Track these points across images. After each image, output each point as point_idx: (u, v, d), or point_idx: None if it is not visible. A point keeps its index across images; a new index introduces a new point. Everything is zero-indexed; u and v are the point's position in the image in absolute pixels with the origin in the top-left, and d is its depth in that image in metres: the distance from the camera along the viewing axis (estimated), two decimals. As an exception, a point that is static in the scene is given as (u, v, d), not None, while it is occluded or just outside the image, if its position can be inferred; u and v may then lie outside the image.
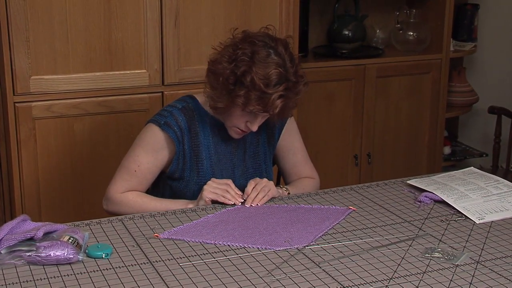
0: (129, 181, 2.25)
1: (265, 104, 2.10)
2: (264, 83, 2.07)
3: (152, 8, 2.95)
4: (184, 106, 2.26)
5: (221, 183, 2.19)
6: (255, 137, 2.35)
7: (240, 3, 3.04)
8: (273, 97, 2.09)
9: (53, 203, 2.95)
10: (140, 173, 2.24)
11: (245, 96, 2.09)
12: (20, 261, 1.77)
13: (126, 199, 2.24)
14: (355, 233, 1.99)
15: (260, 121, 2.19)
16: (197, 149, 2.25)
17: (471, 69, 4.50)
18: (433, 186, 2.29)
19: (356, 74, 3.72)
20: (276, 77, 2.08)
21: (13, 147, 2.85)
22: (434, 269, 1.77)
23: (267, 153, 2.39)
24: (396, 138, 3.92)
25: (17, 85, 2.81)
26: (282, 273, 1.74)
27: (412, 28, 3.95)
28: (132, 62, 2.97)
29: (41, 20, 2.80)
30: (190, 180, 2.27)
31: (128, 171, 2.25)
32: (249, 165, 2.35)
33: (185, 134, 2.23)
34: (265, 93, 2.08)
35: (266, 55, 2.10)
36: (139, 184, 2.26)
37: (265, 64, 2.08)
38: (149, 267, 1.77)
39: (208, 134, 2.27)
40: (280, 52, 2.12)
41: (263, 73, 2.07)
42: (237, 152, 2.32)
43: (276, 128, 2.37)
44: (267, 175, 2.37)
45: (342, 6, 3.91)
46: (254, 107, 2.11)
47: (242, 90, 2.10)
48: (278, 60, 2.10)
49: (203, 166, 2.26)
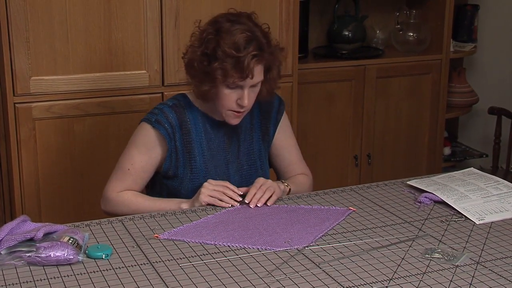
0: (124, 180, 2.26)
1: (242, 69, 2.11)
2: (234, 49, 2.11)
3: (152, 8, 2.95)
4: (174, 103, 2.27)
5: (218, 184, 2.19)
6: (249, 134, 2.35)
7: (240, 4, 3.04)
8: (246, 59, 2.10)
9: (53, 203, 2.95)
10: (134, 171, 2.25)
11: (221, 68, 2.12)
12: (20, 261, 1.77)
13: (122, 198, 2.25)
14: (355, 234, 1.99)
15: (249, 94, 2.18)
16: (189, 145, 2.25)
17: (471, 69, 4.50)
18: (433, 186, 2.29)
19: (356, 75, 3.72)
20: (244, 40, 2.12)
21: (13, 148, 2.85)
22: (434, 270, 1.77)
23: (262, 150, 2.38)
24: (396, 139, 3.92)
25: (17, 85, 2.81)
26: (282, 274, 1.74)
27: (412, 29, 3.95)
28: (132, 63, 2.97)
29: (41, 20, 2.80)
30: (184, 177, 2.26)
31: (123, 171, 2.26)
32: (244, 162, 2.34)
33: (177, 131, 2.23)
34: (238, 58, 2.10)
35: (230, 26, 2.15)
36: (134, 183, 2.27)
37: (231, 33, 2.13)
38: (149, 268, 1.77)
39: (200, 131, 2.27)
40: (243, 22, 2.17)
41: (231, 41, 2.11)
42: (230, 148, 2.32)
43: (270, 124, 2.37)
44: (262, 172, 2.37)
45: (342, 7, 3.91)
46: (233, 76, 2.12)
47: (216, 63, 2.12)
48: (243, 27, 2.15)
49: (196, 162, 2.26)
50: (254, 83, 2.17)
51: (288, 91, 3.28)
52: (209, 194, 2.16)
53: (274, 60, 2.22)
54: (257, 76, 2.16)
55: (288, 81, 3.28)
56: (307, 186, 2.44)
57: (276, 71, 2.26)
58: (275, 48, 2.22)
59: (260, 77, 2.19)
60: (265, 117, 2.37)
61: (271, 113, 2.38)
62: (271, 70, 2.24)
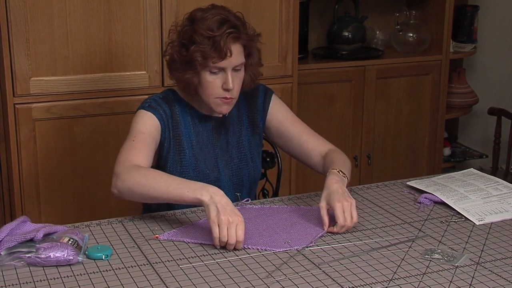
0: (131, 152, 2.12)
1: (220, 48, 2.12)
2: (210, 30, 2.13)
3: (152, 9, 2.95)
4: (164, 96, 2.29)
5: (231, 219, 1.89)
6: (238, 126, 2.34)
7: (240, 5, 3.04)
8: (222, 38, 2.12)
9: (53, 204, 2.95)
10: (139, 141, 2.15)
11: (199, 50, 2.13)
12: (20, 262, 1.77)
13: (137, 169, 2.05)
14: (355, 234, 1.99)
15: (233, 77, 2.16)
16: (178, 138, 2.25)
17: (471, 70, 4.50)
18: (433, 187, 2.29)
19: (356, 76, 3.72)
20: (217, 22, 2.14)
21: (13, 149, 2.85)
22: (434, 270, 1.77)
23: (252, 142, 2.37)
24: (396, 140, 3.92)
25: (17, 86, 2.81)
26: (282, 275, 1.74)
27: (412, 30, 3.95)
28: (132, 64, 2.97)
29: (41, 21, 2.80)
30: (174, 170, 2.25)
31: (127, 146, 2.15)
32: (234, 155, 2.33)
33: (169, 121, 2.24)
34: (214, 37, 2.12)
35: (202, 14, 2.17)
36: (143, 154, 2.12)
37: (204, 19, 2.16)
38: (149, 269, 1.77)
39: (188, 124, 2.27)
40: (215, 9, 2.20)
41: (205, 25, 2.14)
42: (219, 142, 2.31)
43: (258, 115, 2.35)
44: (253, 164, 2.36)
45: (342, 8, 3.92)
46: (212, 57, 2.13)
47: (193, 46, 2.14)
48: (216, 12, 2.17)
49: (186, 155, 2.25)
50: (236, 64, 2.16)
51: (288, 91, 3.28)
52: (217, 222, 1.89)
53: (252, 43, 2.23)
54: (237, 56, 2.16)
55: (288, 81, 3.28)
56: (344, 160, 2.25)
57: (257, 57, 2.27)
58: (250, 30, 2.23)
59: (241, 59, 2.18)
60: (252, 109, 2.36)
61: (257, 104, 2.36)
62: (252, 55, 2.24)
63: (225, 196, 1.93)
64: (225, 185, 2.30)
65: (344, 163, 2.23)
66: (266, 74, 3.10)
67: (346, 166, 2.21)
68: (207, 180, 2.25)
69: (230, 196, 2.30)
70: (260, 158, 2.42)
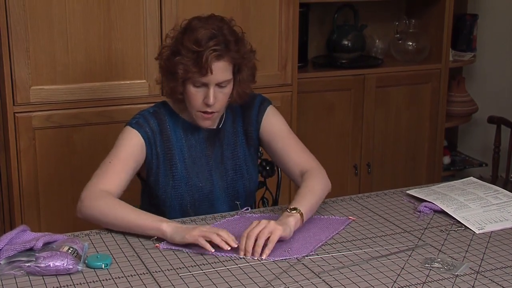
0: (103, 176, 2.11)
1: (201, 65, 2.07)
2: (196, 44, 2.08)
3: (152, 18, 2.96)
4: (155, 110, 2.27)
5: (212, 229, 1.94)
6: (233, 138, 2.32)
7: (239, 14, 3.05)
8: (205, 54, 2.07)
9: (52, 213, 2.95)
10: (113, 167, 2.13)
11: (181, 62, 2.10)
12: (20, 271, 1.77)
13: (101, 197, 2.05)
14: (355, 243, 1.99)
15: (214, 93, 2.12)
16: (169, 152, 2.24)
17: (470, 79, 4.51)
18: (432, 196, 2.29)
19: (355, 84, 3.73)
20: (206, 36, 2.09)
21: (13, 157, 2.85)
22: (434, 279, 1.77)
23: (247, 154, 2.35)
24: (396, 148, 3.92)
25: (17, 95, 2.81)
26: (282, 283, 1.74)
27: (411, 38, 3.96)
28: (132, 72, 2.98)
29: (41, 30, 2.80)
30: (167, 185, 2.24)
31: (101, 169, 2.13)
32: (229, 167, 2.32)
33: (157, 137, 2.22)
34: (198, 53, 2.08)
35: (197, 23, 2.14)
36: (112, 181, 2.10)
37: (196, 30, 2.11)
38: (148, 278, 1.77)
39: (180, 138, 2.26)
40: (212, 21, 2.14)
41: (193, 38, 2.10)
42: (213, 154, 2.30)
43: (252, 127, 2.32)
44: (248, 176, 2.34)
45: (341, 16, 3.92)
46: (192, 72, 2.09)
47: (178, 57, 2.11)
48: (210, 25, 2.12)
49: (177, 169, 2.24)
50: (219, 81, 2.12)
51: (288, 100, 3.28)
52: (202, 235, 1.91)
53: (243, 60, 2.17)
54: (221, 74, 2.11)
55: (288, 90, 3.28)
56: (320, 188, 2.18)
57: (249, 73, 2.21)
58: (244, 47, 2.17)
59: (226, 76, 2.13)
60: (247, 121, 2.32)
61: (251, 116, 2.32)
62: (241, 71, 2.18)
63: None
64: (220, 197, 2.29)
65: (313, 192, 2.14)
66: (265, 82, 3.12)
67: (313, 196, 2.13)
68: (200, 193, 2.25)
69: (228, 205, 2.30)
70: (256, 170, 2.41)
